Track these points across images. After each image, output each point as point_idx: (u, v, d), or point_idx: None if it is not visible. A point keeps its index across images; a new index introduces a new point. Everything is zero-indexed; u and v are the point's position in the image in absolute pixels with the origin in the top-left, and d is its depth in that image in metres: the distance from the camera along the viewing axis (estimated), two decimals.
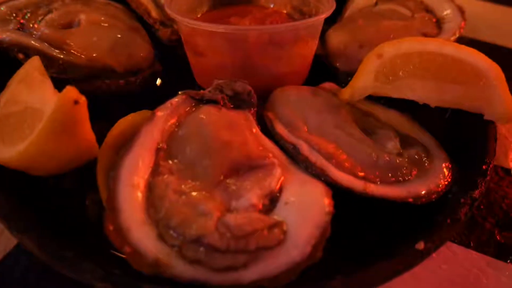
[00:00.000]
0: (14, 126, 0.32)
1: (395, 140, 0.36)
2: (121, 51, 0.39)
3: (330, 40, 0.44)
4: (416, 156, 0.35)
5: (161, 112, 0.31)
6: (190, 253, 0.27)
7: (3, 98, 0.35)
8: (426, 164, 0.35)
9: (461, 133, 0.38)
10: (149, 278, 0.26)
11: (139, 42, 0.41)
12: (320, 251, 0.28)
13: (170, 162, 0.30)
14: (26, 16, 0.41)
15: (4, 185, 0.31)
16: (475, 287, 0.32)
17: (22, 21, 0.41)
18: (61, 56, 0.38)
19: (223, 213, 0.28)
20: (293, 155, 0.33)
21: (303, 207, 0.29)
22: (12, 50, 0.38)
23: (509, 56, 0.52)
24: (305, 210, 0.29)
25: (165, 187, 0.29)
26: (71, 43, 0.38)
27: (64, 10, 0.42)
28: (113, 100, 0.39)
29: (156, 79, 0.42)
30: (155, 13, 0.45)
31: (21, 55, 0.38)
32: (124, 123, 0.33)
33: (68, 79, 0.38)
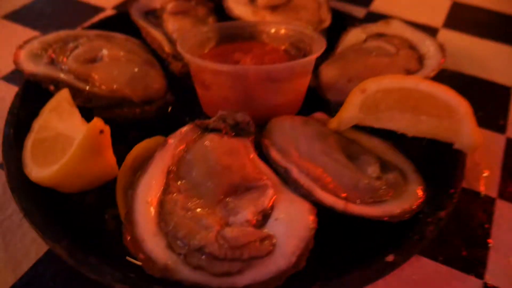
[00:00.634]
0: (47, 149, 0.38)
1: (375, 165, 0.41)
2: (137, 83, 0.45)
3: (322, 74, 0.49)
4: (393, 180, 0.40)
5: (172, 140, 0.37)
6: (193, 260, 0.32)
7: (37, 124, 0.41)
8: (402, 187, 0.40)
9: (435, 159, 0.43)
10: (159, 281, 0.31)
11: (153, 75, 0.46)
12: (304, 261, 0.32)
13: (179, 182, 0.36)
14: (56, 51, 0.47)
15: (38, 200, 0.37)
16: None
17: (52, 55, 0.47)
18: (86, 88, 0.43)
19: (222, 227, 0.33)
20: (285, 178, 0.38)
21: (291, 223, 0.34)
22: (44, 83, 0.44)
23: (489, 88, 0.57)
24: (292, 225, 0.34)
25: (174, 204, 0.34)
26: (95, 76, 0.44)
27: (89, 45, 0.47)
28: (131, 126, 0.44)
29: (168, 107, 0.48)
30: (168, 48, 0.51)
31: (52, 87, 0.43)
32: (140, 147, 0.39)
33: (92, 107, 0.44)
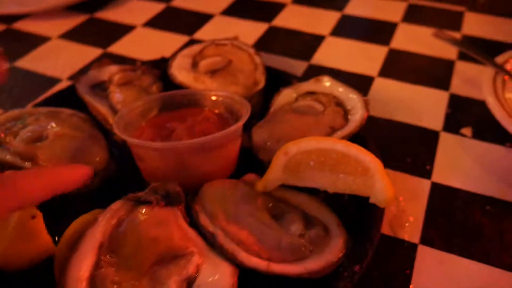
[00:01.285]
0: None
1: (299, 223, 0.44)
2: (79, 159, 0.48)
3: (254, 136, 0.52)
4: (315, 235, 0.43)
5: (102, 217, 0.40)
6: None
7: None
8: (325, 242, 0.43)
9: (356, 213, 0.46)
10: None
11: (95, 149, 0.50)
12: None
13: (109, 256, 0.38)
14: (5, 132, 0.51)
15: None
16: None
17: (1, 135, 0.50)
18: (30, 167, 0.47)
19: None
20: (212, 242, 0.41)
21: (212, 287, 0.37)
22: None
23: (418, 133, 0.61)
24: None
25: (104, 278, 0.37)
26: (40, 155, 0.47)
27: (36, 125, 0.51)
28: (69, 202, 0.47)
29: (112, 176, 0.51)
30: (111, 119, 0.54)
31: None
32: (76, 224, 0.41)
33: None
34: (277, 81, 0.61)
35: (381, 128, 0.61)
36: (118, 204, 0.41)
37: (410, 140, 0.60)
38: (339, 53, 0.76)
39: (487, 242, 0.47)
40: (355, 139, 0.49)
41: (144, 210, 0.41)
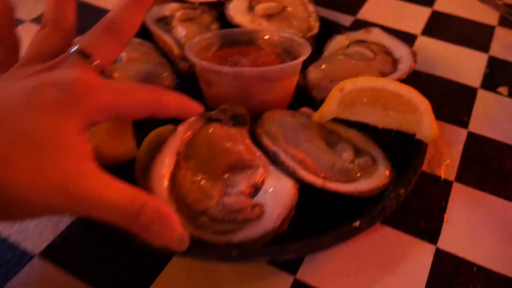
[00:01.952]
0: None
1: (350, 151, 0.49)
2: (151, 82, 0.53)
3: (309, 75, 0.57)
4: (364, 164, 0.48)
5: (181, 127, 0.45)
6: (198, 221, 0.40)
7: None
8: (372, 170, 0.48)
9: (401, 148, 0.51)
10: None
11: (165, 75, 0.54)
12: (286, 225, 0.40)
13: (187, 162, 0.44)
14: None
15: None
16: (399, 256, 0.45)
17: None
18: None
19: (221, 196, 0.42)
20: (274, 160, 0.46)
21: (277, 194, 0.42)
22: None
23: (457, 88, 0.65)
24: (278, 196, 0.42)
25: (183, 178, 0.42)
26: (115, 75, 0.52)
27: None
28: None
29: None
30: (176, 51, 0.58)
31: None
32: (153, 134, 0.47)
33: None
34: (328, 30, 0.65)
35: (423, 81, 0.65)
36: (193, 118, 0.46)
37: (449, 94, 0.64)
38: (384, 10, 0.79)
39: None
40: None
41: (216, 126, 0.46)
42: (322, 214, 0.45)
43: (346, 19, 0.76)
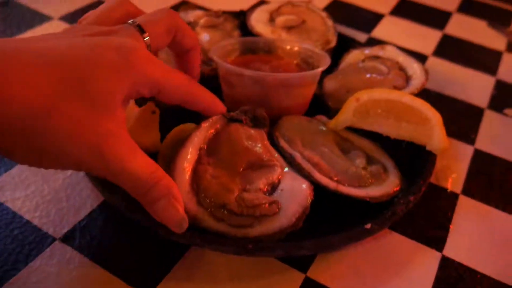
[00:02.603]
0: None
1: (362, 158, 0.51)
2: None
3: (326, 85, 0.59)
4: (376, 171, 0.50)
5: (205, 124, 0.47)
6: (217, 214, 0.42)
7: None
8: (383, 177, 0.50)
9: (411, 158, 0.53)
10: (190, 227, 0.40)
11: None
12: (301, 223, 0.41)
13: (208, 157, 0.46)
14: None
15: None
16: (406, 261, 0.46)
17: None
18: None
19: (240, 191, 0.43)
20: (290, 162, 0.48)
21: (293, 193, 0.44)
22: None
23: (465, 107, 0.67)
24: (294, 195, 0.44)
25: (204, 171, 0.44)
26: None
27: None
28: (169, 116, 0.53)
29: None
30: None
31: None
32: (177, 130, 0.49)
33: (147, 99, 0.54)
34: (345, 44, 0.68)
35: (433, 98, 0.67)
36: (216, 117, 0.48)
37: (457, 112, 0.66)
38: (397, 30, 0.82)
39: None
40: None
41: (237, 126, 0.48)
42: (335, 216, 0.47)
43: (361, 36, 0.79)
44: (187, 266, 0.43)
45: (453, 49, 0.80)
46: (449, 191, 0.54)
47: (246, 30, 0.68)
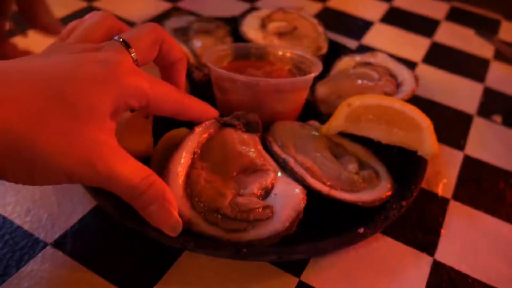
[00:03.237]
0: None
1: (355, 163, 0.51)
2: None
3: (318, 91, 0.60)
4: (368, 176, 0.50)
5: (198, 128, 0.47)
6: (211, 218, 0.42)
7: None
8: (375, 182, 0.50)
9: (403, 163, 0.53)
10: (183, 231, 0.40)
11: None
12: (295, 227, 0.41)
13: (202, 162, 0.46)
14: None
15: None
16: (398, 265, 0.47)
17: None
18: None
19: (234, 196, 0.43)
20: (283, 166, 0.48)
21: (286, 198, 0.44)
22: None
23: (454, 114, 0.68)
24: (287, 200, 0.44)
25: (198, 176, 0.44)
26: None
27: None
28: (162, 120, 0.53)
29: None
30: (192, 60, 0.61)
31: None
32: (169, 135, 0.49)
33: None
34: (336, 51, 0.68)
35: (422, 105, 0.67)
36: (209, 122, 0.48)
37: (447, 119, 0.67)
38: (387, 37, 0.84)
39: (509, 207, 0.54)
40: None
41: (230, 131, 0.48)
42: (327, 220, 0.47)
43: (351, 43, 0.80)
44: (181, 271, 0.43)
45: (442, 57, 0.81)
46: (440, 196, 0.55)
47: (238, 36, 0.68)
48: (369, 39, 0.82)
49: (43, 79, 0.34)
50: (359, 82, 0.60)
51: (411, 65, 0.77)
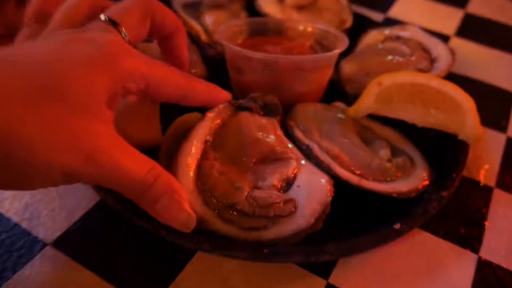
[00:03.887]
0: None
1: (387, 149, 0.46)
2: None
3: (343, 69, 0.54)
4: (402, 163, 0.45)
5: (210, 114, 0.42)
6: (226, 215, 0.37)
7: None
8: (410, 170, 0.45)
9: (441, 149, 0.48)
10: (196, 230, 0.36)
11: (193, 59, 0.52)
12: (321, 223, 0.37)
13: (215, 151, 0.41)
14: None
15: None
16: (439, 264, 0.41)
17: None
18: None
19: (252, 189, 0.38)
20: (307, 154, 0.43)
21: (311, 189, 0.39)
22: None
23: (493, 92, 0.62)
24: (312, 192, 0.39)
25: (210, 168, 0.39)
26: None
27: None
28: (171, 104, 0.49)
29: None
30: (203, 37, 0.56)
31: None
32: (180, 120, 0.44)
33: None
34: (361, 25, 0.62)
35: (457, 82, 0.62)
36: (223, 105, 0.43)
37: (486, 97, 0.60)
38: (415, 9, 0.77)
39: None
40: None
41: (246, 115, 0.43)
42: (358, 215, 0.42)
43: (376, 16, 0.73)
44: (196, 272, 0.39)
45: (477, 29, 0.74)
46: (482, 184, 0.49)
47: (253, 11, 0.62)
48: (396, 11, 0.76)
49: (29, 67, 0.29)
50: (389, 58, 0.54)
51: (443, 38, 0.70)
